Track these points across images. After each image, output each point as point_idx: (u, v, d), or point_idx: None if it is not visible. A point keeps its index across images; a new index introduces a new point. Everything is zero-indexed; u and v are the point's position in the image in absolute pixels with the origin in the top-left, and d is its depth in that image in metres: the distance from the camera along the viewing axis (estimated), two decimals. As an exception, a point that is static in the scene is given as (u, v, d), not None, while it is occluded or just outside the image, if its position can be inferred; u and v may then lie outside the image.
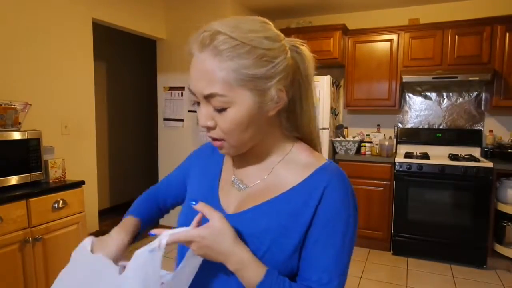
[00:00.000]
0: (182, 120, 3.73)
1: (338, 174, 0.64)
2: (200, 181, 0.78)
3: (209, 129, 0.62)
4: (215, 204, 0.70)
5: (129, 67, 4.86)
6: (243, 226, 0.64)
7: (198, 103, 0.63)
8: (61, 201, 2.10)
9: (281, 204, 0.64)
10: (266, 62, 0.59)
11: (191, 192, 0.79)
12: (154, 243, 0.59)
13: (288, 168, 0.67)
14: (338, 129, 3.84)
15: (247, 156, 0.71)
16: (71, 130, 2.71)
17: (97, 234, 2.91)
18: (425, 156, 3.33)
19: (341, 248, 0.62)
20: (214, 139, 0.64)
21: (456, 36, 3.22)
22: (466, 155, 3.37)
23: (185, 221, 0.70)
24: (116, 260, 0.67)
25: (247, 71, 0.57)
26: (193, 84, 0.60)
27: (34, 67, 2.43)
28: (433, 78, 3.26)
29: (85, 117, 2.85)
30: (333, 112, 3.66)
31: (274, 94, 0.61)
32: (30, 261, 1.93)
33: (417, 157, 3.28)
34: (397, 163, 3.21)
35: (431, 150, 3.57)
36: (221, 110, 0.59)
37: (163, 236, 0.59)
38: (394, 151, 3.64)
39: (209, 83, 0.58)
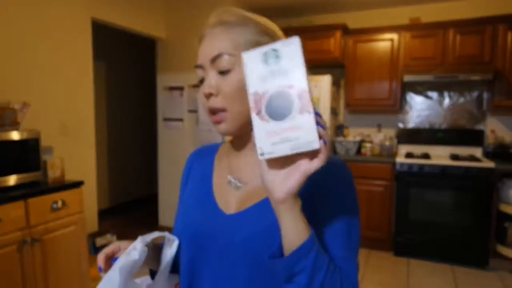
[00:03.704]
0: (182, 120, 3.72)
1: (336, 161, 0.63)
2: (193, 185, 0.76)
3: (210, 96, 0.63)
4: (212, 206, 0.68)
5: (129, 67, 4.85)
6: (249, 225, 0.62)
7: (202, 81, 0.65)
8: (60, 202, 2.08)
9: None
10: (268, 36, 0.64)
11: (186, 197, 0.77)
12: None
13: None
14: (339, 129, 3.83)
15: (242, 152, 0.70)
16: (70, 130, 2.69)
17: (96, 234, 2.90)
18: (426, 156, 3.31)
19: (350, 225, 0.60)
20: (215, 111, 0.63)
21: (458, 35, 3.20)
22: (467, 155, 3.35)
23: (181, 227, 0.71)
24: None
25: (253, 37, 0.63)
26: (202, 54, 0.64)
27: (33, 66, 2.42)
28: (434, 77, 3.24)
29: (84, 117, 2.83)
30: (334, 112, 3.65)
31: None
32: (29, 262, 1.91)
33: (418, 157, 3.27)
34: (398, 163, 3.20)
35: (432, 150, 3.55)
36: (226, 72, 0.61)
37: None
38: (394, 151, 3.62)
39: (218, 45, 0.62)
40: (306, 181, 0.48)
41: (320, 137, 0.44)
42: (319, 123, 0.45)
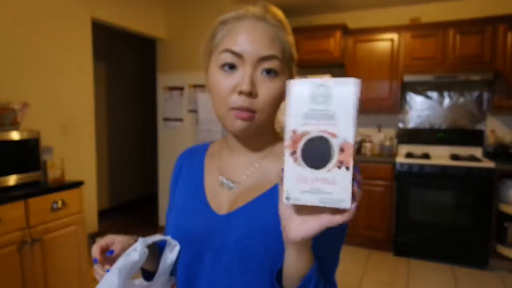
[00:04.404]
0: (182, 120, 3.71)
1: None
2: (184, 188, 0.75)
3: (248, 95, 0.58)
4: (205, 207, 0.68)
5: (129, 67, 4.85)
6: (241, 224, 0.62)
7: (231, 67, 0.60)
8: (60, 202, 2.08)
9: (274, 197, 0.62)
10: (294, 48, 0.65)
11: (177, 200, 0.76)
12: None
13: (276, 161, 0.67)
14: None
15: (236, 151, 0.69)
16: (70, 130, 2.69)
17: (96, 235, 2.92)
18: (426, 156, 3.31)
19: (338, 246, 0.63)
20: (245, 110, 0.59)
21: (458, 35, 3.20)
22: (467, 155, 3.35)
23: (175, 230, 0.70)
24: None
25: (290, 48, 0.63)
26: (246, 44, 0.59)
27: (33, 66, 2.41)
28: (434, 77, 3.24)
29: (84, 117, 2.83)
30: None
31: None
32: (29, 262, 1.91)
33: (418, 157, 3.27)
34: (398, 163, 3.19)
35: (432, 150, 3.55)
36: (273, 75, 0.60)
37: None
38: (395, 151, 3.62)
39: (271, 46, 0.59)
40: None
41: (354, 196, 0.41)
42: (356, 179, 0.41)
